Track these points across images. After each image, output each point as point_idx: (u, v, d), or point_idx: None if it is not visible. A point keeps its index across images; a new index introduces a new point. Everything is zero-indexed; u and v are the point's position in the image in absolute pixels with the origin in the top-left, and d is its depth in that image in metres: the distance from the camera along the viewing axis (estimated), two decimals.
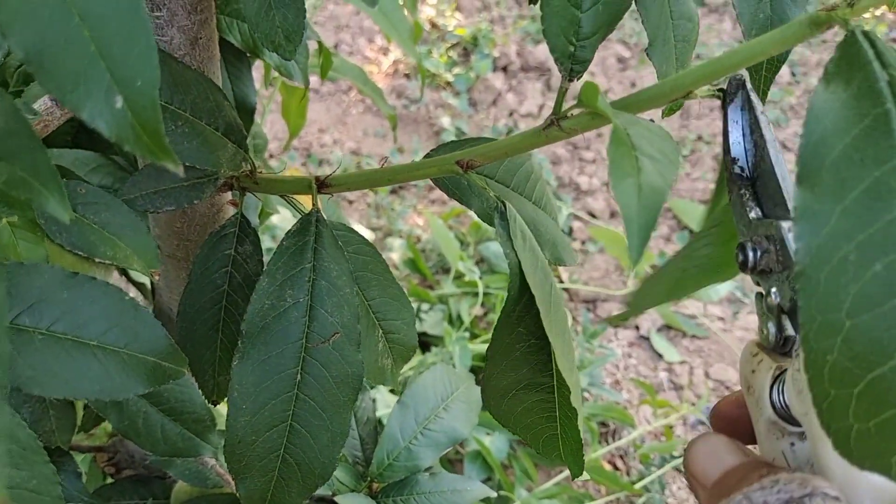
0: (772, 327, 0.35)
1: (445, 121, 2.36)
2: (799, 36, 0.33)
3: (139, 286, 0.84)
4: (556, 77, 2.47)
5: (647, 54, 0.43)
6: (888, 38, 2.61)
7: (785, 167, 0.35)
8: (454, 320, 1.76)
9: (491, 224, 0.49)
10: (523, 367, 0.43)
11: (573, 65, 0.39)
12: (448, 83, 2.49)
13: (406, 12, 0.92)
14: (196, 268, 0.49)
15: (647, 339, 1.82)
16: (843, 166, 0.26)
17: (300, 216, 0.49)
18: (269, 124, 2.14)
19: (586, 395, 1.65)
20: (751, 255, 0.35)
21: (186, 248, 0.56)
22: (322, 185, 0.48)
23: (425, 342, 1.70)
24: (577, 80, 0.40)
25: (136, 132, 0.27)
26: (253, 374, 0.42)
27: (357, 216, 2.08)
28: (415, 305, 1.52)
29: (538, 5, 0.40)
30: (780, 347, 0.35)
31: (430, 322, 1.73)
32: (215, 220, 0.55)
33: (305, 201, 0.52)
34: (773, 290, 0.35)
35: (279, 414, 0.43)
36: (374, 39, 2.64)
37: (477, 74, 2.49)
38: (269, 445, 0.43)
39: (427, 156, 0.47)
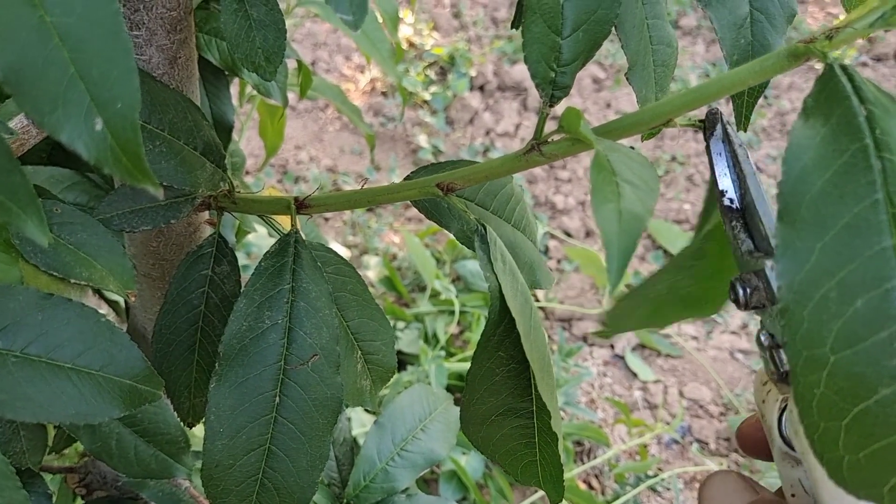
0: (770, 361, 0.35)
1: (422, 139, 2.37)
2: (777, 67, 0.33)
3: (112, 304, 0.83)
4: (533, 97, 2.48)
5: (627, 79, 0.44)
6: (857, 63, 2.66)
7: (767, 202, 0.35)
8: (430, 339, 1.76)
9: (469, 246, 0.49)
10: (503, 391, 0.42)
11: (554, 90, 0.39)
12: (425, 102, 2.50)
13: (386, 32, 0.92)
14: (172, 288, 0.48)
15: (621, 357, 1.83)
16: (822, 203, 0.26)
17: (276, 234, 0.49)
18: (245, 141, 2.13)
19: (562, 414, 1.65)
20: (741, 293, 0.35)
21: (162, 268, 0.55)
22: (301, 206, 0.48)
23: (401, 361, 1.70)
24: (558, 105, 0.40)
25: (116, 155, 0.27)
26: (230, 397, 0.42)
27: (333, 234, 2.08)
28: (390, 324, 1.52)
29: (519, 30, 0.40)
30: (784, 378, 0.35)
31: (406, 340, 1.72)
32: (192, 240, 0.55)
33: (283, 220, 0.52)
34: (765, 328, 0.35)
35: (257, 437, 0.42)
36: (351, 57, 2.64)
37: (454, 93, 2.50)
38: (246, 469, 0.42)
39: (407, 178, 0.47)
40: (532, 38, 0.38)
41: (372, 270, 1.93)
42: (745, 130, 0.42)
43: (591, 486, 1.59)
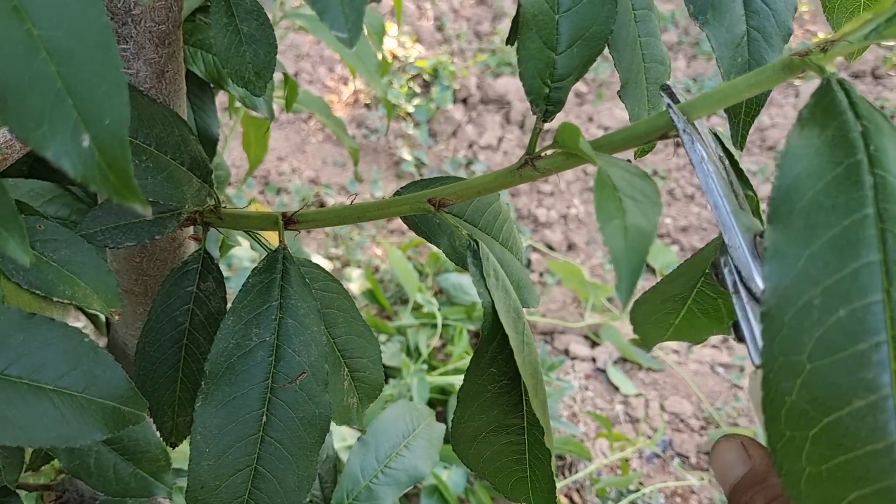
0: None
1: (405, 151, 2.37)
2: (773, 80, 0.33)
3: (91, 317, 0.82)
4: (516, 110, 2.49)
5: (620, 96, 0.44)
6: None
7: (738, 240, 0.34)
8: (412, 352, 1.75)
9: (459, 263, 0.49)
10: (494, 408, 0.42)
11: (548, 106, 0.39)
12: (408, 114, 2.50)
13: (371, 45, 0.92)
14: (156, 305, 0.47)
15: (603, 371, 1.83)
16: (813, 212, 0.27)
17: (260, 248, 0.48)
18: (227, 152, 2.12)
19: None
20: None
21: (145, 283, 0.54)
22: (289, 222, 0.47)
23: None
24: (551, 120, 0.40)
25: (104, 172, 0.26)
26: (217, 416, 0.41)
27: (315, 245, 2.07)
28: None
29: (514, 47, 0.40)
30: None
31: (388, 353, 1.71)
32: (176, 255, 0.54)
33: (269, 234, 0.51)
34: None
35: (244, 457, 0.41)
36: (335, 69, 2.64)
37: (437, 106, 2.51)
38: (233, 490, 0.41)
39: (397, 193, 0.47)
40: (527, 55, 0.38)
41: (354, 283, 1.92)
42: (742, 149, 0.41)
43: (572, 501, 1.58)
